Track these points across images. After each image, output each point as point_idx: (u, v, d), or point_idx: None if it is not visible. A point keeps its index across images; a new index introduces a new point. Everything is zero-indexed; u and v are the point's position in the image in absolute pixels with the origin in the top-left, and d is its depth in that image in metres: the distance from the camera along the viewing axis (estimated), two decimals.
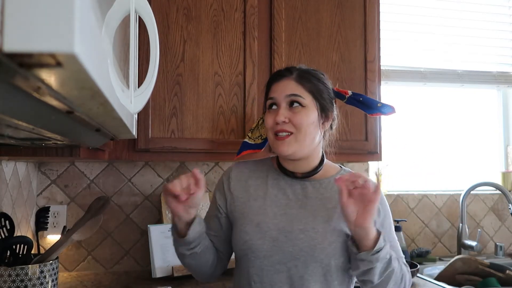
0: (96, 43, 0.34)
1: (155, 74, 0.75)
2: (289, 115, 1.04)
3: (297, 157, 1.06)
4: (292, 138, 1.04)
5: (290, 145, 1.03)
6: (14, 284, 1.16)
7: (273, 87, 1.09)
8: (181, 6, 1.58)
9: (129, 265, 1.82)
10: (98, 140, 0.79)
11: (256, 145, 1.25)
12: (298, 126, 1.03)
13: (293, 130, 1.04)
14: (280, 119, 1.03)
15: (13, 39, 0.25)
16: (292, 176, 1.10)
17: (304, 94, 1.05)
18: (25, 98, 0.35)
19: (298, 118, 1.03)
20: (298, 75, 1.07)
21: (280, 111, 1.05)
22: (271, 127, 1.06)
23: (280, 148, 1.04)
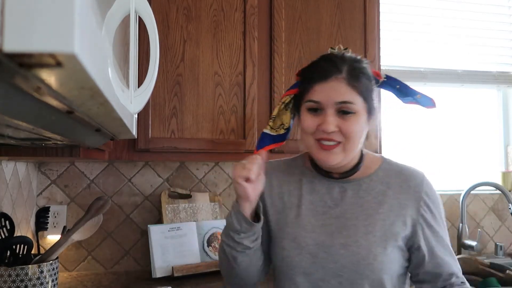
0: (96, 43, 0.34)
1: (155, 74, 0.75)
2: (338, 122, 0.90)
3: (342, 165, 0.95)
4: (340, 148, 0.91)
5: (337, 155, 0.91)
6: (14, 284, 1.16)
7: (317, 87, 0.92)
8: (181, 6, 1.58)
9: (129, 265, 1.82)
10: (98, 140, 0.79)
11: (279, 136, 1.07)
12: (348, 135, 0.91)
13: (342, 140, 0.91)
14: (329, 129, 0.89)
15: (13, 39, 0.25)
16: (328, 177, 0.98)
17: (356, 98, 0.91)
18: (25, 98, 0.35)
19: (349, 126, 0.90)
20: (349, 74, 0.91)
21: (328, 118, 0.90)
22: (313, 132, 0.93)
23: (326, 158, 0.92)
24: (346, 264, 0.90)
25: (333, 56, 0.95)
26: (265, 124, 1.65)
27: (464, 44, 2.34)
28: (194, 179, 1.91)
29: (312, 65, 0.97)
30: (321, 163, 0.96)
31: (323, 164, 0.95)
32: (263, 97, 1.65)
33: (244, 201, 0.93)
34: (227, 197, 1.94)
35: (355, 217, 0.93)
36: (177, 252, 1.66)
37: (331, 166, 0.95)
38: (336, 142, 0.91)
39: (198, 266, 1.65)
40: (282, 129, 1.06)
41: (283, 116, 1.05)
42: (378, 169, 0.99)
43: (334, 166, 0.95)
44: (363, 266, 0.89)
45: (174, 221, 1.75)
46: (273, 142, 1.07)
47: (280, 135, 1.07)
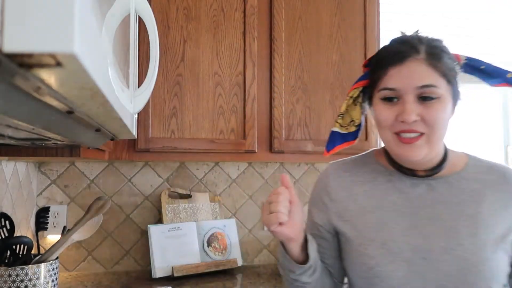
0: (96, 43, 0.34)
1: (155, 74, 0.75)
2: (419, 110, 0.78)
3: (426, 160, 0.83)
4: (424, 139, 0.79)
5: (421, 148, 0.79)
6: (14, 284, 1.16)
7: (392, 71, 0.79)
8: (181, 6, 1.58)
9: (129, 265, 1.82)
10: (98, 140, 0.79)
11: (350, 134, 0.96)
12: (432, 124, 0.78)
13: (425, 130, 0.78)
14: (410, 118, 0.77)
15: (13, 39, 0.25)
16: (412, 175, 0.86)
17: (439, 81, 0.78)
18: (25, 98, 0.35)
19: (434, 115, 0.77)
20: (428, 54, 0.78)
21: (407, 106, 0.77)
22: (391, 125, 0.80)
23: (408, 153, 0.79)
24: (451, 271, 0.77)
25: (408, 37, 0.84)
26: (265, 124, 1.65)
27: (464, 44, 2.34)
28: (194, 179, 1.91)
29: (383, 49, 0.85)
30: (402, 159, 0.83)
31: (405, 160, 0.82)
32: (263, 97, 1.65)
33: (287, 243, 0.82)
34: (227, 197, 1.94)
35: (453, 218, 0.81)
36: (177, 252, 1.66)
37: (414, 162, 0.82)
38: (418, 133, 0.78)
39: (198, 266, 1.65)
40: (353, 126, 0.94)
41: (352, 112, 0.93)
42: (466, 166, 0.87)
43: (418, 162, 0.82)
44: (472, 274, 0.76)
45: (174, 221, 1.75)
46: (344, 141, 0.97)
47: (351, 133, 0.95)
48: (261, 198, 1.97)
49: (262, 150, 1.65)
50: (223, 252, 1.76)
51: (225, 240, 1.78)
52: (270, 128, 1.65)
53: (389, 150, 0.85)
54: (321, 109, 1.70)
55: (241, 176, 1.96)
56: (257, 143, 1.63)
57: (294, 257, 0.83)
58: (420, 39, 0.81)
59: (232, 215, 1.94)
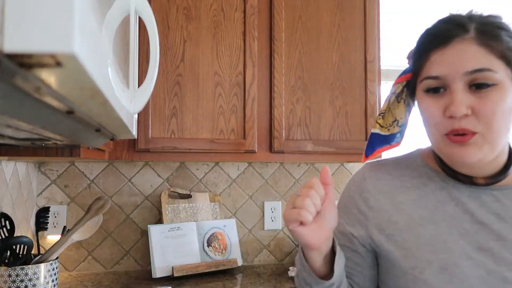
0: (96, 43, 0.34)
1: (155, 74, 0.75)
2: (471, 101, 0.63)
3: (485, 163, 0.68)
4: (479, 138, 0.64)
5: (476, 148, 0.64)
6: (14, 284, 1.16)
7: (434, 56, 0.66)
8: (181, 6, 1.58)
9: (129, 265, 1.82)
10: (98, 140, 0.79)
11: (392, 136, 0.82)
12: (488, 119, 0.62)
13: (479, 128, 0.63)
14: (459, 111, 0.62)
15: (13, 40, 0.25)
16: (469, 183, 0.70)
17: (494, 63, 0.62)
18: (25, 98, 0.35)
19: (489, 106, 0.62)
20: (480, 31, 0.64)
21: (456, 97, 0.63)
22: (438, 123, 0.66)
23: (461, 154, 0.64)
24: None
25: (454, 15, 0.70)
26: (265, 124, 1.65)
27: None
28: (194, 179, 1.91)
29: (425, 32, 0.71)
30: (455, 162, 0.68)
31: (457, 161, 0.67)
32: (263, 97, 1.65)
33: (307, 249, 0.66)
34: (227, 197, 1.94)
35: None
36: (177, 252, 1.66)
37: (470, 166, 0.68)
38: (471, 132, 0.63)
39: (198, 266, 1.65)
40: (396, 127, 0.80)
41: (395, 110, 0.79)
42: None
43: (474, 166, 0.68)
44: None
45: (174, 221, 1.75)
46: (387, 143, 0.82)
47: (394, 135, 0.82)
48: (261, 198, 1.97)
49: (262, 150, 1.65)
50: (223, 252, 1.76)
51: (225, 240, 1.78)
52: (270, 128, 1.66)
53: (438, 152, 0.71)
54: (321, 109, 1.70)
55: (241, 176, 1.96)
56: (257, 143, 1.63)
57: (315, 268, 0.68)
58: (470, 16, 0.68)
59: (232, 215, 1.94)
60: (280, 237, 1.98)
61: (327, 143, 1.68)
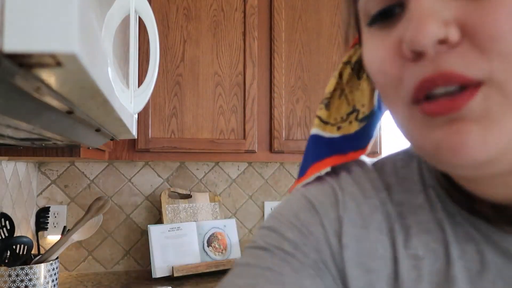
0: (96, 43, 0.34)
1: (155, 74, 0.75)
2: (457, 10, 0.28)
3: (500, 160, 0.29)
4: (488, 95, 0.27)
5: (487, 124, 0.27)
6: (14, 284, 1.16)
7: None
8: (181, 6, 1.58)
9: (129, 265, 1.82)
10: (98, 140, 0.79)
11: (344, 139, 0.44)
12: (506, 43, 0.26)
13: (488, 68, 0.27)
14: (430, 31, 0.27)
15: (13, 40, 0.25)
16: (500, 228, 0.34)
17: None
18: (25, 98, 0.35)
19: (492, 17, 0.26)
20: None
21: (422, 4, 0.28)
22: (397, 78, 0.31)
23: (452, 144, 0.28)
24: None
25: None
26: (265, 124, 1.65)
27: None
28: (194, 179, 1.91)
29: None
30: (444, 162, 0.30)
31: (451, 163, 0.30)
32: (263, 97, 1.65)
33: None
34: (227, 197, 1.94)
35: None
36: (177, 252, 1.66)
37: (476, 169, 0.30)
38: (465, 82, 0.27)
39: (198, 266, 1.65)
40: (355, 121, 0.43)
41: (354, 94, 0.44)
42: None
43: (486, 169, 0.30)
44: None
45: (174, 221, 1.75)
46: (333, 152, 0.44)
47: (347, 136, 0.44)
48: (261, 198, 1.97)
49: (262, 150, 1.65)
50: (223, 252, 1.76)
51: (225, 240, 1.78)
52: (270, 128, 1.66)
53: (419, 152, 0.34)
54: None
55: (241, 176, 1.96)
56: (257, 143, 1.63)
57: None
58: None
59: (232, 215, 1.94)
60: None
61: None
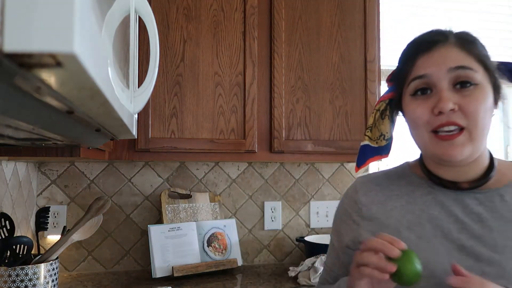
0: (96, 43, 0.34)
1: (155, 74, 0.75)
2: (457, 99, 0.69)
3: (468, 161, 0.72)
4: (465, 135, 0.69)
5: (464, 146, 0.69)
6: (14, 284, 1.16)
7: (421, 60, 0.72)
8: (181, 6, 1.58)
9: (129, 265, 1.82)
10: (98, 140, 0.79)
11: (382, 148, 0.90)
12: (473, 115, 0.68)
13: (465, 123, 0.68)
14: (447, 106, 0.67)
15: (13, 40, 0.25)
16: (455, 188, 0.75)
17: (474, 65, 0.70)
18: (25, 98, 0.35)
19: (472, 104, 0.68)
20: (459, 38, 0.73)
21: (443, 94, 0.69)
22: (427, 121, 0.71)
23: (449, 152, 0.69)
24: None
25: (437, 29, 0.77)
26: (265, 124, 1.65)
27: None
28: (194, 179, 1.91)
29: (410, 43, 0.78)
30: (445, 161, 0.72)
31: (446, 160, 0.71)
32: (263, 97, 1.65)
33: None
34: (227, 197, 1.94)
35: (507, 237, 0.70)
36: (177, 252, 1.66)
37: (457, 163, 0.72)
38: (458, 127, 0.69)
39: (198, 266, 1.65)
40: (383, 140, 0.89)
41: (381, 126, 0.88)
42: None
43: (460, 164, 0.72)
44: None
45: (174, 221, 1.75)
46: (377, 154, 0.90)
47: (383, 147, 0.90)
48: (261, 198, 1.97)
49: (262, 150, 1.65)
50: (223, 252, 1.76)
51: (225, 240, 1.78)
52: (270, 128, 1.66)
53: (427, 153, 0.75)
54: (321, 109, 1.70)
55: (241, 176, 1.96)
56: (257, 143, 1.63)
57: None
58: (449, 29, 0.76)
59: (232, 215, 1.94)
60: (280, 237, 1.98)
61: (327, 143, 1.68)
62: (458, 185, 0.75)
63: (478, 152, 0.72)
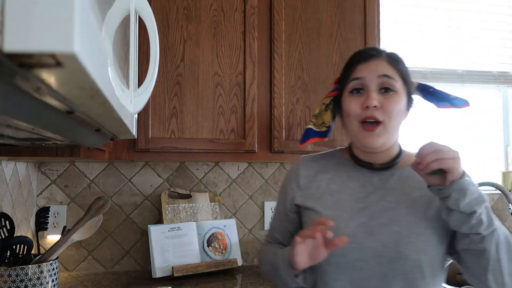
0: (96, 43, 0.34)
1: (155, 74, 0.75)
2: (380, 99, 0.93)
3: (383, 149, 0.97)
4: (382, 128, 0.93)
5: (380, 136, 0.93)
6: (14, 284, 1.16)
7: (359, 66, 0.97)
8: (181, 6, 1.58)
9: (129, 265, 1.82)
10: (98, 140, 0.79)
11: (322, 132, 1.12)
12: (390, 113, 0.92)
13: (384, 118, 0.92)
14: (372, 103, 0.91)
15: (13, 39, 0.25)
16: (370, 168, 1.01)
17: (396, 77, 0.95)
18: (25, 98, 0.35)
19: (391, 104, 0.92)
20: (389, 56, 0.97)
21: (371, 94, 0.93)
22: (358, 114, 0.94)
23: (368, 140, 0.93)
24: (387, 242, 0.90)
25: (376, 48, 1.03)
26: (265, 124, 1.65)
27: (464, 44, 2.34)
28: (194, 179, 1.91)
29: (352, 56, 1.03)
30: (364, 147, 0.97)
31: (366, 146, 0.95)
32: (263, 97, 1.65)
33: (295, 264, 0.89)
34: (227, 197, 1.94)
35: (397, 201, 0.95)
36: (177, 252, 1.66)
37: (374, 149, 0.96)
38: (378, 121, 0.92)
39: (198, 266, 1.65)
40: (324, 127, 1.11)
41: (324, 116, 1.10)
42: None
43: (376, 150, 0.97)
44: (403, 244, 0.89)
45: (174, 221, 1.75)
46: (318, 136, 1.12)
47: (323, 132, 1.12)
48: (261, 198, 1.97)
49: (262, 150, 1.65)
50: (223, 252, 1.76)
51: (225, 240, 1.78)
52: (270, 128, 1.65)
53: (354, 139, 1.00)
54: None
55: (241, 176, 1.96)
56: (257, 143, 1.63)
57: None
58: (383, 49, 1.01)
59: (232, 215, 1.94)
60: None
61: (327, 143, 1.68)
62: (372, 165, 1.01)
63: (390, 142, 0.97)
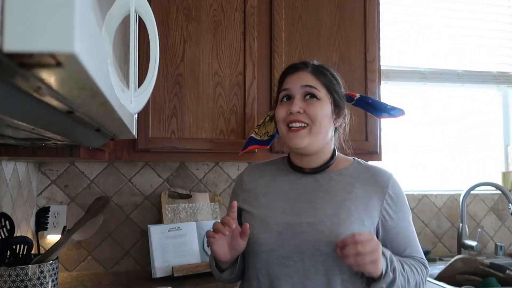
0: (96, 43, 0.34)
1: (155, 74, 0.75)
2: (304, 106, 1.03)
3: (310, 151, 1.05)
4: (307, 130, 1.03)
5: (304, 137, 1.02)
6: (14, 284, 1.16)
7: (287, 78, 1.09)
8: (181, 6, 1.58)
9: (129, 265, 1.82)
10: (98, 140, 0.79)
11: (263, 141, 1.23)
12: (313, 117, 1.02)
13: (308, 122, 1.03)
14: (294, 109, 1.02)
15: (13, 39, 0.25)
16: (301, 172, 1.09)
17: (319, 86, 1.05)
18: (25, 98, 0.35)
19: (313, 109, 1.02)
20: (314, 68, 1.08)
21: (294, 101, 1.04)
22: (284, 118, 1.05)
23: (294, 141, 1.03)
24: (309, 241, 0.98)
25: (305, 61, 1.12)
26: None
27: (464, 44, 2.34)
28: (194, 179, 1.91)
29: (286, 68, 1.13)
30: (292, 148, 1.06)
31: (293, 147, 1.04)
32: (263, 97, 1.65)
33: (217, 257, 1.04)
34: (227, 197, 1.94)
35: (324, 202, 1.04)
36: (177, 252, 1.66)
37: (300, 149, 1.04)
38: (303, 123, 1.03)
39: (198, 266, 1.65)
40: (266, 136, 1.22)
41: (268, 127, 1.22)
42: (349, 166, 1.11)
43: (302, 151, 1.05)
44: (325, 243, 0.97)
45: (174, 221, 1.75)
46: (259, 144, 1.23)
47: (264, 140, 1.23)
48: None
49: (262, 150, 1.65)
50: None
51: None
52: None
53: (284, 142, 1.08)
54: None
55: None
56: None
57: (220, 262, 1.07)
58: (312, 62, 1.11)
59: None
60: None
61: None
62: (303, 170, 1.09)
63: (317, 145, 1.05)
